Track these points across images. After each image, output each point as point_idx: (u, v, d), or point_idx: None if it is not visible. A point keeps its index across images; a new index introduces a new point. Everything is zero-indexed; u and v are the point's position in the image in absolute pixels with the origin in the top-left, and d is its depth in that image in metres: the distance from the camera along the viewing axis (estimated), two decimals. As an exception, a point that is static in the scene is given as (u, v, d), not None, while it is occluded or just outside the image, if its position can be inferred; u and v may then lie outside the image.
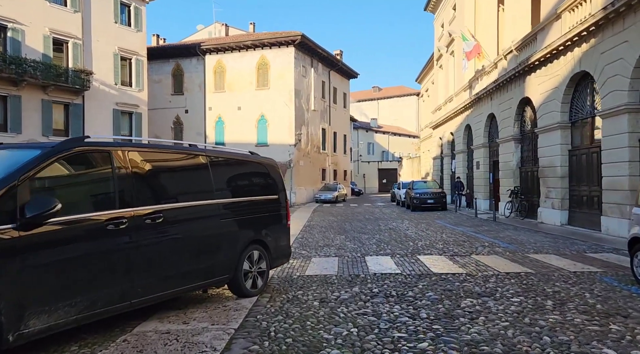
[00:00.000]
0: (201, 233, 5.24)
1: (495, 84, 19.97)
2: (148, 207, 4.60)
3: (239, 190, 6.16)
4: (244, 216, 6.00)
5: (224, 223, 5.58)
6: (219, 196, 5.57)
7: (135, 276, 4.42)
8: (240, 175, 6.37)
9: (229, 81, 33.32)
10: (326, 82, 38.96)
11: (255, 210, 6.24)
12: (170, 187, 5.14)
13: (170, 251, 4.85)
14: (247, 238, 5.95)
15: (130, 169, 4.50)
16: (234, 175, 6.21)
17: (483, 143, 22.82)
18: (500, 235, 12.91)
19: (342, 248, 10.85)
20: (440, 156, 33.49)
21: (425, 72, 42.68)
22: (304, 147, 34.18)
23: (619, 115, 11.38)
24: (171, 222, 4.85)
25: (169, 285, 4.82)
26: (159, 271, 4.69)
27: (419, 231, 14.37)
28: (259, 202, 6.39)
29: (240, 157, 6.33)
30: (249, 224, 6.09)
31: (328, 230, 15.57)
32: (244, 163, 6.42)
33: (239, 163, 6.31)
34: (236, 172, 6.28)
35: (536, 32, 16.33)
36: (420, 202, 23.98)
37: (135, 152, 4.63)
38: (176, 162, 5.28)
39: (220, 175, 5.78)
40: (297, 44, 32.39)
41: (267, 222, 6.50)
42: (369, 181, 61.37)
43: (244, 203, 6.07)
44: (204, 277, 5.30)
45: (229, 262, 5.62)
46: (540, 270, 7.43)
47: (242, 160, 6.36)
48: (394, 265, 8.25)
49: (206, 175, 5.49)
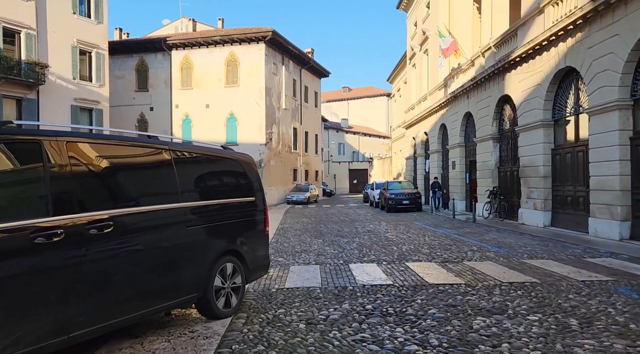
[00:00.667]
0: (163, 244, 4.28)
1: (473, 82, 19.50)
2: (93, 214, 3.62)
3: (210, 192, 5.20)
4: (216, 222, 5.06)
5: (191, 231, 4.62)
6: (185, 199, 4.61)
7: (75, 302, 3.43)
8: (211, 174, 5.42)
9: (197, 78, 31.98)
10: (297, 80, 38.05)
11: (228, 214, 5.31)
12: (124, 188, 4.14)
13: (123, 268, 3.87)
14: (219, 249, 5.01)
15: (69, 165, 3.51)
16: (204, 173, 5.25)
17: (459, 142, 22.37)
18: (485, 237, 12.30)
19: (322, 253, 9.99)
20: (414, 156, 33.05)
21: (397, 71, 42.30)
22: (275, 146, 33.18)
23: (609, 112, 10.92)
24: (124, 232, 3.87)
25: (121, 311, 3.84)
26: (107, 295, 3.71)
27: (399, 234, 13.64)
28: (234, 205, 5.46)
29: (211, 153, 5.37)
30: (222, 231, 5.16)
31: (303, 233, 14.69)
32: (216, 160, 5.46)
33: (209, 160, 5.34)
34: (206, 170, 5.32)
35: (517, 28, 15.88)
36: (396, 203, 23.36)
37: (76, 144, 3.64)
38: (132, 157, 4.28)
39: (187, 173, 4.83)
40: (268, 40, 31.38)
41: (243, 229, 5.58)
42: (340, 182, 60.76)
43: (216, 206, 5.13)
44: (166, 298, 4.33)
45: (197, 278, 4.67)
46: (545, 278, 6.75)
47: (213, 157, 5.40)
48: (383, 274, 7.43)
49: (170, 173, 4.52)
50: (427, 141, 29.09)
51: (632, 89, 10.56)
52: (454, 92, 22.16)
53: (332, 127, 61.39)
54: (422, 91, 30.07)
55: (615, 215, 10.78)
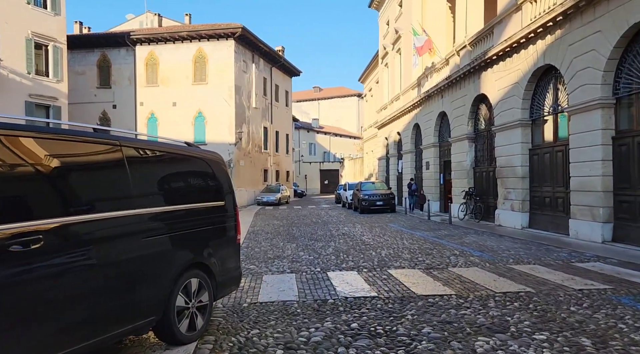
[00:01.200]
0: (111, 260, 3.52)
1: (448, 81, 19.19)
2: (16, 226, 2.86)
3: (172, 196, 4.47)
4: (179, 231, 4.33)
5: (148, 243, 3.89)
6: (140, 205, 3.87)
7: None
8: (173, 175, 4.67)
9: (163, 74, 30.76)
10: (268, 78, 37.23)
11: (194, 222, 4.59)
12: (59, 194, 3.36)
13: (60, 291, 3.11)
14: (182, 263, 4.28)
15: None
16: (165, 174, 4.50)
17: (433, 142, 22.06)
18: (465, 240, 11.88)
19: (296, 260, 9.32)
20: (386, 156, 32.72)
21: (368, 71, 41.98)
22: (245, 146, 32.29)
23: (591, 110, 10.63)
24: (59, 247, 3.12)
25: (58, 345, 3.09)
26: (40, 326, 2.96)
27: (375, 237, 13.10)
28: (200, 211, 4.75)
29: (173, 151, 4.63)
30: (186, 242, 4.43)
31: (275, 236, 13.98)
32: (179, 159, 4.73)
33: (171, 159, 4.60)
34: (167, 170, 4.57)
35: (493, 26, 15.59)
36: (369, 204, 22.89)
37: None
38: (70, 155, 3.48)
39: (143, 174, 4.09)
40: (238, 37, 30.47)
41: (211, 238, 4.87)
42: (311, 183, 60.16)
43: (179, 213, 4.41)
44: (117, 324, 3.58)
45: (155, 299, 3.94)
46: (539, 287, 6.27)
47: (176, 155, 4.66)
48: (365, 283, 6.82)
49: (121, 174, 3.78)
50: (400, 141, 28.77)
51: (614, 87, 10.30)
52: (427, 92, 21.84)
53: (303, 127, 60.75)
54: (395, 91, 29.74)
55: (597, 216, 10.50)
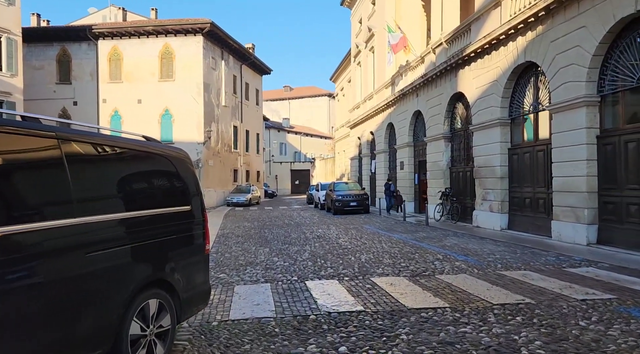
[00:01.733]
0: (42, 283, 2.77)
1: (423, 79, 18.79)
2: None
3: (125, 200, 3.71)
4: (134, 243, 3.60)
5: (93, 260, 3.14)
6: (83, 213, 3.12)
7: None
8: (126, 176, 3.89)
9: (127, 70, 29.43)
10: (238, 76, 36.25)
11: (153, 231, 3.86)
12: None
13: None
14: (137, 281, 3.55)
15: None
16: (116, 175, 3.73)
17: (408, 142, 21.67)
18: (446, 243, 11.41)
19: (271, 267, 8.62)
20: (359, 156, 32.26)
21: (340, 70, 41.51)
22: (214, 145, 31.27)
23: (575, 108, 10.31)
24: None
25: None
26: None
27: (352, 240, 12.52)
28: (161, 218, 4.02)
29: (127, 146, 3.88)
30: (143, 256, 3.70)
31: (246, 240, 13.24)
32: (135, 156, 3.97)
33: (125, 156, 3.85)
34: (120, 169, 3.81)
35: (470, 23, 15.23)
36: (343, 205, 22.32)
37: None
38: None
39: (88, 174, 3.35)
40: (206, 32, 29.46)
41: (174, 249, 4.14)
42: (282, 183, 59.32)
43: (134, 221, 3.67)
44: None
45: (102, 328, 3.20)
46: (538, 297, 5.76)
47: (131, 151, 3.91)
48: (348, 294, 6.19)
49: (58, 175, 3.02)
50: (373, 141, 28.34)
51: (598, 85, 9.99)
52: (402, 90, 21.43)
53: (274, 127, 59.83)
54: (368, 90, 29.31)
55: (581, 218, 10.18)
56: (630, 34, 9.18)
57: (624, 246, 9.23)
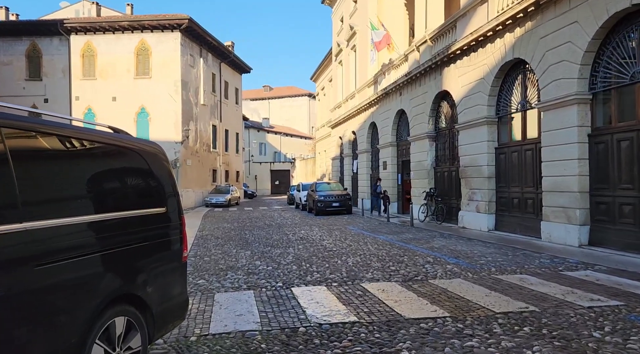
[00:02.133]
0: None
1: (407, 78, 18.47)
2: None
3: (86, 202, 3.18)
4: (97, 252, 3.07)
5: (46, 273, 2.61)
6: (32, 217, 2.59)
7: None
8: (88, 173, 3.33)
9: (101, 67, 28.46)
10: (217, 74, 35.51)
11: (121, 237, 3.33)
12: None
13: None
14: (101, 297, 3.01)
15: None
16: (75, 172, 3.18)
17: (391, 141, 21.34)
18: (434, 245, 11.05)
19: (253, 271, 8.11)
20: (340, 156, 31.87)
21: (321, 69, 41.08)
22: (193, 144, 30.50)
23: (566, 106, 10.05)
24: None
25: None
26: None
27: (337, 241, 12.07)
28: (131, 222, 3.49)
29: (89, 137, 3.33)
30: (109, 267, 3.17)
31: (226, 242, 12.69)
32: (99, 150, 3.42)
33: (87, 150, 3.30)
34: (80, 165, 3.24)
35: (456, 19, 14.94)
36: (325, 206, 21.89)
37: None
38: None
39: (39, 171, 2.81)
40: (184, 29, 28.69)
41: (146, 258, 3.62)
42: (262, 183, 58.62)
43: (97, 226, 3.14)
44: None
45: (59, 352, 2.67)
46: (541, 304, 5.40)
47: (93, 143, 3.36)
48: (339, 302, 5.73)
49: (1, 172, 2.49)
50: (355, 140, 27.97)
51: (590, 82, 9.75)
52: (385, 89, 21.09)
53: (253, 126, 59.10)
54: (350, 89, 28.93)
55: (572, 218, 9.92)
56: (624, 29, 8.95)
57: (617, 247, 8.99)
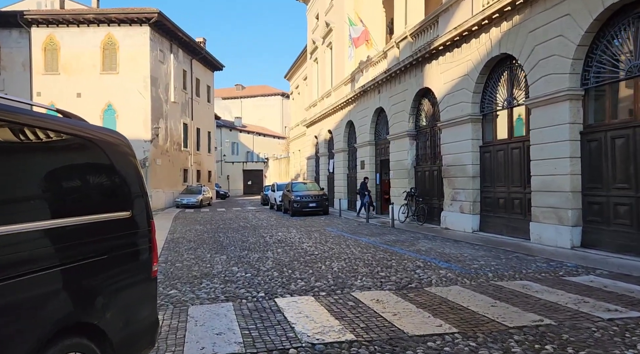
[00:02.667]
0: None
1: (386, 75, 17.98)
2: None
3: (25, 205, 2.45)
4: (40, 270, 2.34)
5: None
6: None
7: None
8: (29, 168, 2.59)
9: (65, 61, 27.07)
10: (188, 71, 34.39)
11: (73, 250, 2.61)
12: None
13: None
14: (44, 329, 2.29)
15: None
16: (9, 168, 2.45)
17: (369, 140, 20.82)
18: (420, 247, 10.54)
19: (231, 279, 7.40)
20: (316, 155, 31.23)
21: (295, 67, 40.37)
22: (162, 143, 29.37)
23: (557, 103, 9.66)
24: None
25: None
26: None
27: (317, 244, 11.44)
28: (86, 230, 2.76)
29: (29, 121, 2.58)
30: (55, 290, 2.44)
31: (200, 245, 11.89)
32: (45, 140, 2.69)
33: (23, 139, 2.56)
34: (15, 160, 2.51)
35: (438, 14, 14.50)
36: (302, 206, 21.22)
37: None
38: None
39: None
40: (153, 23, 27.59)
41: (106, 275, 2.90)
42: (234, 183, 57.47)
43: (40, 236, 2.41)
44: None
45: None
46: (554, 315, 4.88)
47: (36, 130, 2.62)
48: (331, 316, 5.08)
49: None
50: (331, 139, 27.38)
51: (582, 77, 9.39)
52: (363, 87, 20.57)
53: (225, 125, 57.86)
54: (326, 87, 28.34)
55: (564, 219, 9.54)
56: (620, 22, 8.60)
57: (611, 249, 8.63)
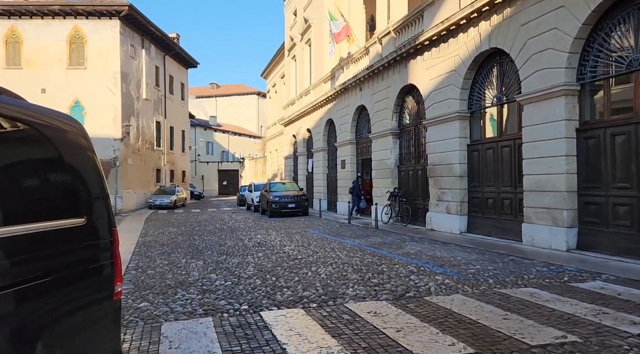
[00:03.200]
0: None
1: (368, 71, 17.45)
2: None
3: None
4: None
5: None
6: None
7: None
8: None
9: (29, 55, 25.75)
10: (161, 67, 33.30)
11: (3, 273, 1.92)
12: None
13: None
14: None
15: None
16: None
17: (350, 139, 20.27)
18: (409, 250, 10.00)
19: (209, 288, 6.69)
20: (294, 155, 30.55)
21: (272, 65, 39.57)
22: (134, 141, 28.25)
23: (552, 98, 9.25)
24: None
25: None
26: None
27: (300, 247, 10.80)
28: (20, 245, 2.06)
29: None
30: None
31: (174, 249, 11.12)
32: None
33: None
34: None
35: (423, 9, 14.02)
36: (280, 207, 20.55)
37: None
38: None
39: None
40: (124, 16, 26.52)
41: (50, 305, 2.19)
42: (209, 184, 56.30)
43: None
44: None
45: None
46: (577, 330, 4.36)
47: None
48: (326, 334, 4.45)
49: None
50: (310, 138, 26.74)
51: (578, 72, 9.00)
52: (344, 84, 20.00)
53: (200, 125, 56.61)
54: (304, 85, 27.68)
55: (559, 220, 9.13)
56: (619, 14, 8.22)
57: (610, 252, 8.25)
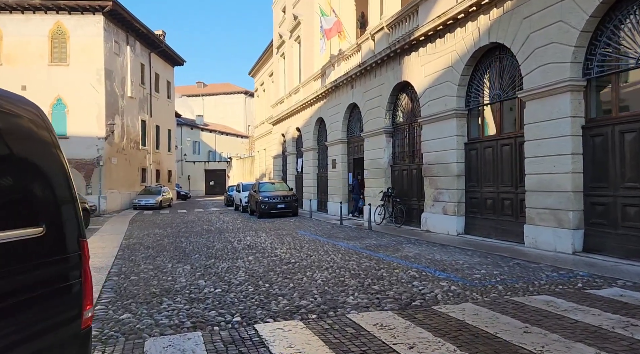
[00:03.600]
0: None
1: (361, 68, 17.00)
2: None
3: None
4: None
5: None
6: None
7: None
8: None
9: (8, 51, 24.86)
10: (146, 65, 32.52)
11: None
12: None
13: None
14: None
15: None
16: None
17: (341, 138, 19.81)
18: (407, 253, 9.55)
19: (197, 297, 6.16)
20: (283, 154, 30.00)
21: (261, 63, 38.97)
22: (119, 141, 27.48)
23: (557, 94, 8.86)
24: None
25: None
26: None
27: (292, 250, 10.29)
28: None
29: None
30: None
31: (159, 253, 10.54)
32: None
33: None
34: None
35: (417, 4, 13.60)
36: (270, 207, 20.00)
37: None
38: None
39: None
40: (108, 12, 25.77)
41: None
42: (195, 184, 55.42)
43: None
44: None
45: None
46: (609, 346, 3.92)
47: None
48: (330, 350, 3.94)
49: None
50: (299, 137, 26.22)
51: (584, 66, 8.62)
52: (335, 82, 19.53)
53: (186, 124, 55.74)
54: (294, 83, 27.15)
55: (564, 222, 8.74)
56: (629, 5, 7.84)
57: (619, 254, 7.87)
